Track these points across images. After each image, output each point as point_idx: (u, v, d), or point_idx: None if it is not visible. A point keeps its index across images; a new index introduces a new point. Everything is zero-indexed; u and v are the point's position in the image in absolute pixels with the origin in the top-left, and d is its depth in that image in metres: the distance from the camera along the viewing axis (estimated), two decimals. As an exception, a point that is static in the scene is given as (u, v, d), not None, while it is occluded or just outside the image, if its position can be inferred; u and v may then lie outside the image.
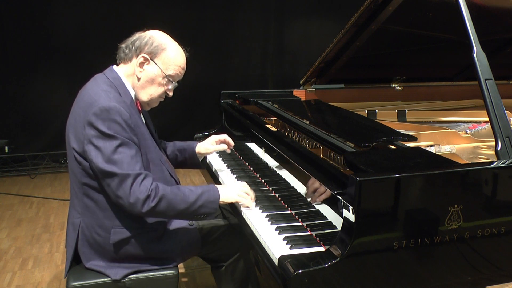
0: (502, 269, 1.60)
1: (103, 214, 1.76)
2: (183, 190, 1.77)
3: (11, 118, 5.08)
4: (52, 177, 4.95)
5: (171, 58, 1.83)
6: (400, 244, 1.43)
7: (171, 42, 1.86)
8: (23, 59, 4.96)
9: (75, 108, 1.79)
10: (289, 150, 1.94)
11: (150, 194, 1.66)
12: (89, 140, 1.67)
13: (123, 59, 1.85)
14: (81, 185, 1.77)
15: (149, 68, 1.81)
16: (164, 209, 1.70)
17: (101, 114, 1.66)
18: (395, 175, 1.41)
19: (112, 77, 1.81)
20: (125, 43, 1.85)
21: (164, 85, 1.86)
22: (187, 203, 1.74)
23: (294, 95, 2.99)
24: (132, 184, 1.64)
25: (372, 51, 2.70)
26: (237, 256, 2.01)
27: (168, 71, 1.83)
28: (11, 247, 3.35)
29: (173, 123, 5.51)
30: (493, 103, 1.70)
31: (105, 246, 1.77)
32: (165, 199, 1.70)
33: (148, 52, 1.80)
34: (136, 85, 1.84)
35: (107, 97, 1.70)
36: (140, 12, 5.09)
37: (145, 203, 1.66)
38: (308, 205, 1.79)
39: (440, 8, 2.40)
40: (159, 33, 1.86)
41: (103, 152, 1.65)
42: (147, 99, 1.87)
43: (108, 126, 1.66)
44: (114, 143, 1.65)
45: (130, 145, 1.69)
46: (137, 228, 1.78)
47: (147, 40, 1.81)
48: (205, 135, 2.90)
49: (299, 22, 5.86)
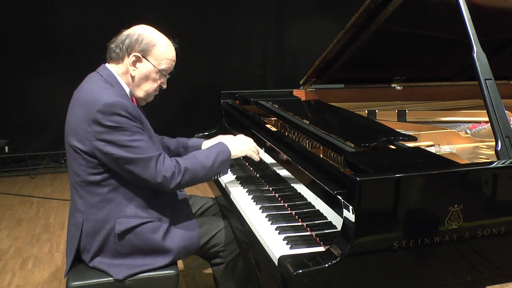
0: (502, 269, 1.60)
1: (108, 206, 1.80)
2: (199, 158, 1.88)
3: (11, 118, 5.08)
4: (52, 177, 4.95)
5: (163, 53, 1.87)
6: (400, 244, 1.43)
7: (160, 37, 1.89)
8: (23, 59, 4.96)
9: (74, 108, 1.81)
10: (289, 150, 1.94)
11: (175, 171, 1.78)
12: (97, 137, 1.71)
13: (115, 58, 1.87)
14: (84, 183, 1.80)
15: (142, 66, 1.85)
16: (188, 180, 1.83)
17: (106, 110, 1.69)
18: (395, 175, 1.41)
19: (106, 75, 1.84)
20: (114, 42, 1.87)
21: (158, 80, 1.91)
22: (206, 168, 1.87)
23: (294, 95, 2.99)
24: (156, 165, 1.74)
25: (372, 51, 2.70)
26: (236, 253, 2.02)
27: (160, 66, 1.87)
28: (11, 247, 3.35)
29: (173, 123, 5.51)
30: (493, 103, 1.70)
31: (110, 238, 1.80)
32: (188, 171, 1.82)
33: (140, 50, 1.83)
34: (131, 83, 1.88)
35: (107, 93, 1.74)
36: (140, 12, 5.08)
37: (172, 180, 1.77)
38: (308, 205, 1.79)
39: (440, 8, 2.40)
40: (147, 29, 1.89)
41: (118, 144, 1.70)
42: (143, 95, 1.92)
43: (115, 121, 1.70)
44: (126, 134, 1.71)
45: (141, 132, 1.76)
46: (141, 218, 1.82)
47: (136, 38, 1.83)
48: (205, 135, 2.91)
49: (299, 22, 5.86)
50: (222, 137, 2.26)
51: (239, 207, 1.92)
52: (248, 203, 1.92)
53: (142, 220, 1.82)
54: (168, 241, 1.85)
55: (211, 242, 2.00)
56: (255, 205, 1.90)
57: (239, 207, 1.92)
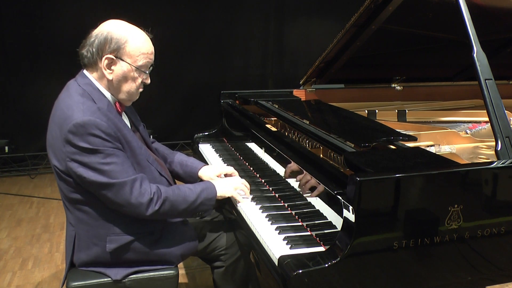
0: (502, 269, 1.60)
1: (96, 224, 1.73)
2: (183, 190, 1.77)
3: (11, 118, 5.07)
4: (52, 177, 4.92)
5: (136, 48, 1.71)
6: (400, 244, 1.43)
7: (130, 31, 1.73)
8: (23, 59, 4.96)
9: (51, 124, 1.72)
10: (289, 150, 1.94)
11: (153, 197, 1.68)
12: (71, 157, 1.62)
13: (88, 64, 1.74)
14: (69, 200, 1.74)
15: (118, 67, 1.71)
16: (167, 210, 1.72)
17: (77, 130, 1.59)
18: (395, 175, 1.41)
19: (84, 83, 1.73)
20: (84, 47, 1.73)
21: (138, 77, 1.76)
22: (188, 202, 1.76)
23: (294, 95, 2.99)
24: (132, 190, 1.64)
25: (372, 51, 2.70)
26: (237, 257, 2.01)
27: (137, 62, 1.73)
28: (11, 247, 3.34)
29: (173, 123, 5.51)
30: (493, 103, 1.70)
31: (103, 254, 1.75)
32: (168, 201, 1.71)
33: (111, 51, 1.69)
34: (110, 87, 1.75)
35: (79, 111, 1.62)
36: (140, 12, 5.08)
37: (149, 207, 1.67)
38: (308, 205, 1.79)
39: (440, 8, 2.40)
40: (116, 25, 1.73)
41: (91, 166, 1.61)
42: (126, 97, 1.79)
43: (87, 141, 1.60)
44: (99, 156, 1.61)
45: (116, 153, 1.65)
46: (132, 234, 1.75)
47: (105, 38, 1.68)
48: (205, 135, 2.91)
49: (299, 22, 5.86)
50: (217, 170, 2.12)
51: (240, 207, 1.91)
52: (248, 203, 1.92)
53: (132, 236, 1.74)
54: (164, 252, 1.80)
55: (212, 246, 1.99)
56: (255, 205, 1.90)
57: (239, 207, 1.92)
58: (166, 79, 5.29)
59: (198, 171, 2.11)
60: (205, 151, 2.73)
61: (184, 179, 2.14)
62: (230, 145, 2.78)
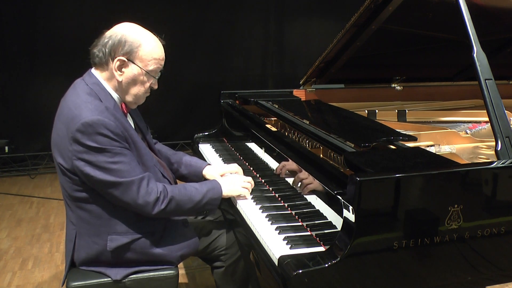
0: (502, 269, 1.60)
1: (98, 222, 1.73)
2: (189, 189, 1.79)
3: (11, 118, 5.07)
4: (52, 177, 4.95)
5: (149, 53, 1.72)
6: (400, 244, 1.43)
7: (144, 35, 1.74)
8: (23, 59, 4.96)
9: (57, 123, 1.73)
10: (289, 150, 1.94)
11: (159, 196, 1.69)
12: (78, 156, 1.62)
13: (99, 64, 1.75)
14: (72, 198, 1.74)
15: (128, 70, 1.72)
16: (172, 209, 1.74)
17: (85, 130, 1.60)
18: (395, 175, 1.41)
19: (92, 83, 1.74)
20: (96, 47, 1.75)
21: (147, 82, 1.77)
22: (194, 202, 1.78)
23: (294, 95, 2.99)
24: (139, 189, 1.66)
25: (372, 51, 2.70)
26: (237, 257, 2.01)
27: (148, 67, 1.74)
28: (11, 247, 3.35)
29: (173, 123, 5.51)
30: (493, 103, 1.70)
31: (104, 253, 1.75)
32: (174, 200, 1.73)
33: (124, 53, 1.70)
34: (118, 89, 1.76)
35: (88, 110, 1.63)
36: (140, 12, 5.07)
37: (155, 206, 1.69)
38: (308, 205, 1.79)
39: (440, 8, 2.40)
40: (130, 28, 1.74)
41: (98, 165, 1.62)
42: (132, 100, 1.80)
43: (95, 141, 1.60)
44: (107, 155, 1.62)
45: (124, 152, 1.66)
46: (133, 234, 1.75)
47: (119, 40, 1.69)
48: (205, 135, 2.91)
49: (299, 22, 5.86)
50: (221, 168, 2.14)
51: (239, 207, 1.92)
52: (248, 203, 1.92)
53: (133, 236, 1.74)
54: (164, 253, 1.80)
55: (212, 246, 1.99)
56: (255, 205, 1.90)
57: (239, 207, 1.92)
58: (166, 79, 5.24)
59: (202, 170, 2.13)
60: (205, 151, 2.73)
61: (189, 178, 2.15)
62: (230, 145, 2.78)
